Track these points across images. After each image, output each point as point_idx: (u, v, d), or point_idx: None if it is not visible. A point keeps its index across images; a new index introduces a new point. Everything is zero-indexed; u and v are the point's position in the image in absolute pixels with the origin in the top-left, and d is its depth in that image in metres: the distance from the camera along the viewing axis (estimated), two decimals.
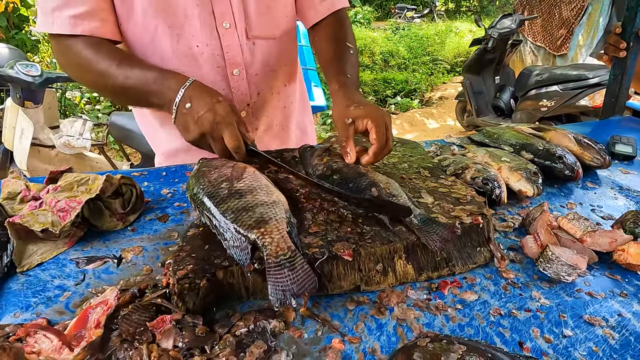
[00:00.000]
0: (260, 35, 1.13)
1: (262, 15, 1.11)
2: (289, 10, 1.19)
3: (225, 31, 1.07)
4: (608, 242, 0.84)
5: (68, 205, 0.85)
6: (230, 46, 1.09)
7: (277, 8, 1.14)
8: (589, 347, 0.65)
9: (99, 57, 0.97)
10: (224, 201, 0.73)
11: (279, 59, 1.21)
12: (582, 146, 1.18)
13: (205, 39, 1.06)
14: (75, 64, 1.01)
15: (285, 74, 1.26)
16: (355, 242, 0.72)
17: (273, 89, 1.24)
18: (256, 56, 1.14)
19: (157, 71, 0.96)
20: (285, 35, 1.19)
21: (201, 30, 1.04)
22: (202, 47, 1.06)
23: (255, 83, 1.18)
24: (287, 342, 0.65)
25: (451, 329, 0.68)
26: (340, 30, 1.20)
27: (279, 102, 1.28)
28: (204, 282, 0.65)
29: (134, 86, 0.95)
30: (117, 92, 1.00)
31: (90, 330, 0.62)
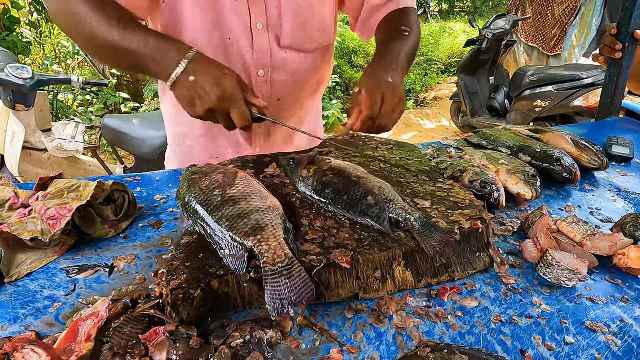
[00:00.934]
0: (293, 46, 1.13)
1: (297, 28, 1.10)
2: (326, 25, 1.17)
3: (258, 31, 1.07)
4: (608, 246, 0.83)
5: (58, 212, 0.83)
6: (260, 47, 1.09)
7: (313, 23, 1.12)
8: (592, 355, 0.64)
9: (97, 10, 0.89)
10: (218, 209, 0.72)
11: (308, 71, 1.19)
12: (579, 148, 1.17)
13: (238, 33, 1.06)
14: (70, 13, 0.92)
15: (312, 87, 1.26)
16: (354, 249, 0.70)
17: (296, 100, 1.23)
18: (284, 64, 1.14)
19: (158, 36, 0.90)
20: (319, 50, 1.18)
21: (235, 24, 1.05)
22: (233, 41, 1.06)
23: (278, 89, 1.17)
24: (285, 353, 0.63)
25: (452, 338, 0.66)
26: (399, 20, 1.17)
27: (299, 111, 1.28)
28: (198, 292, 0.63)
29: (129, 47, 0.88)
30: (109, 50, 0.91)
31: (81, 343, 0.60)
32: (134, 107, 5.18)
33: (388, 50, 1.07)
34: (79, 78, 2.77)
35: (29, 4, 5.08)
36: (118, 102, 5.17)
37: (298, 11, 1.08)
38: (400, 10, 1.20)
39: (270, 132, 1.26)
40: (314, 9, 1.10)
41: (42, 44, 5.86)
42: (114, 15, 0.89)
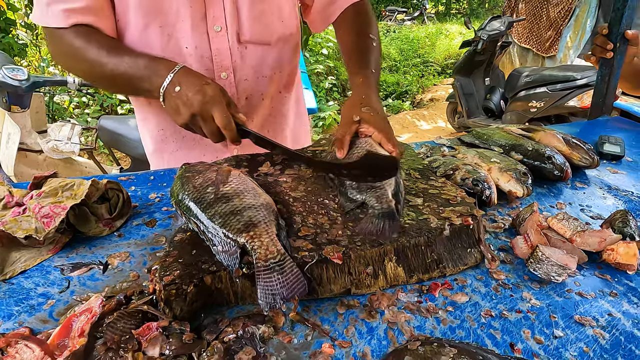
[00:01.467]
0: (252, 40, 1.11)
1: (254, 20, 1.09)
2: (285, 15, 1.16)
3: (215, 34, 1.06)
4: (597, 242, 0.84)
5: (52, 211, 0.83)
6: (219, 49, 1.08)
7: (271, 12, 1.11)
8: (580, 348, 0.65)
9: (90, 46, 0.97)
10: (211, 206, 0.72)
11: (273, 65, 1.18)
12: (570, 146, 1.19)
13: (195, 40, 1.05)
14: (67, 54, 1.02)
15: (280, 80, 1.24)
16: (345, 245, 0.71)
17: (264, 95, 1.21)
18: (246, 61, 1.13)
19: (147, 58, 0.97)
20: (282, 41, 1.17)
21: (191, 32, 1.04)
22: (191, 49, 1.06)
23: (244, 88, 1.16)
24: (277, 347, 0.64)
25: (442, 332, 0.67)
26: (362, 21, 1.18)
27: (272, 108, 1.26)
28: (191, 288, 0.64)
29: (124, 73, 0.96)
30: (107, 79, 1.01)
31: (74, 339, 0.60)
32: (130, 108, 5.17)
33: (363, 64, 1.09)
34: (75, 79, 2.77)
35: (24, 6, 5.07)
36: (114, 104, 5.16)
37: (253, 3, 1.08)
38: (359, 7, 1.20)
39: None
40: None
41: (38, 46, 5.85)
42: (103, 44, 0.97)
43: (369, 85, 1.04)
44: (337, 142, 0.94)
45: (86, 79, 1.03)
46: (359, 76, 1.06)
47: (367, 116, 0.96)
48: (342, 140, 0.94)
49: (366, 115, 0.96)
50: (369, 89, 1.03)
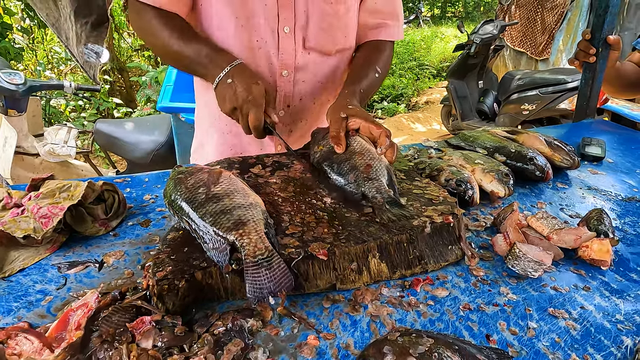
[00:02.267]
0: (316, 47, 1.20)
1: (322, 30, 1.17)
2: (349, 32, 1.24)
3: (284, 35, 1.14)
4: (573, 239, 0.88)
5: (50, 211, 0.86)
6: (285, 49, 1.16)
7: (338, 27, 1.20)
8: (552, 338, 0.68)
9: (164, 27, 1.08)
10: (202, 205, 0.76)
11: (329, 74, 1.27)
12: (552, 148, 1.23)
13: (266, 36, 1.14)
14: (144, 29, 1.14)
15: (331, 88, 1.32)
16: (331, 242, 0.75)
17: (316, 99, 1.29)
18: (308, 65, 1.21)
19: (211, 47, 1.09)
20: (340, 53, 1.26)
21: (263, 28, 1.13)
22: (260, 43, 1.14)
23: (300, 89, 1.24)
24: (264, 339, 0.67)
25: (422, 324, 0.71)
26: (376, 55, 1.27)
27: (319, 113, 1.34)
28: (183, 283, 0.67)
29: (188, 56, 1.08)
30: (172, 58, 1.14)
31: (71, 332, 0.63)
32: (126, 112, 5.20)
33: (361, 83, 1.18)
34: (71, 83, 2.80)
35: (21, 10, 5.10)
36: (111, 108, 5.19)
37: (324, 16, 1.16)
38: (380, 44, 1.29)
39: (292, 129, 1.32)
40: (339, 15, 1.18)
41: (35, 50, 5.87)
42: (176, 28, 1.09)
43: (354, 93, 1.12)
44: (334, 139, 1.00)
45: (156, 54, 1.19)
46: (346, 88, 1.15)
47: (352, 112, 1.04)
48: (338, 137, 1.00)
49: (351, 111, 1.04)
50: (352, 95, 1.11)
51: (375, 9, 1.25)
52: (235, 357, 0.63)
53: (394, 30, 1.30)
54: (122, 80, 6.02)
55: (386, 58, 1.29)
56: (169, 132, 2.85)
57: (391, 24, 1.29)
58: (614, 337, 0.69)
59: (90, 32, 1.47)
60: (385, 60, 1.28)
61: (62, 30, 1.38)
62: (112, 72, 5.88)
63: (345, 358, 0.64)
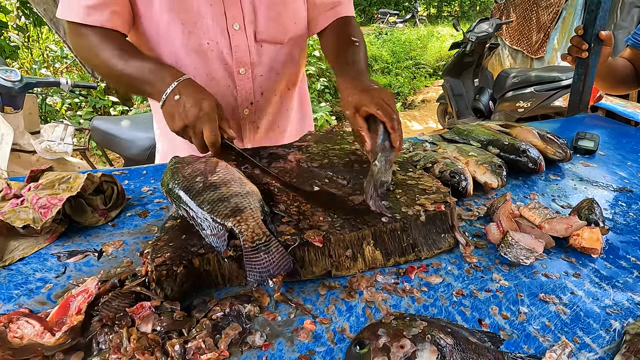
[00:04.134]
0: (268, 39, 1.19)
1: (271, 21, 1.16)
2: (298, 17, 1.24)
3: (235, 32, 1.13)
4: (564, 228, 0.90)
5: (49, 202, 0.87)
6: (238, 46, 1.15)
7: (286, 14, 1.19)
8: (542, 322, 0.70)
9: (105, 46, 1.05)
10: (200, 194, 0.77)
11: (285, 63, 1.26)
12: (545, 141, 1.25)
13: (216, 37, 1.12)
14: (84, 48, 1.10)
15: (290, 78, 1.32)
16: (326, 230, 0.76)
17: (276, 91, 1.29)
18: (262, 58, 1.20)
19: (155, 63, 1.04)
20: (292, 40, 1.25)
21: (212, 29, 1.11)
22: (212, 45, 1.12)
23: (260, 83, 1.23)
24: (262, 324, 0.68)
25: (416, 309, 0.72)
26: (345, 29, 1.26)
27: (282, 105, 1.34)
28: (181, 269, 0.69)
29: (131, 74, 1.03)
30: (116, 79, 1.09)
31: (72, 316, 0.64)
32: (123, 110, 5.20)
33: (349, 61, 1.14)
34: (68, 80, 2.80)
35: (16, 8, 5.08)
36: (107, 106, 5.18)
37: (271, 5, 1.14)
38: (344, 19, 1.28)
39: (258, 126, 1.31)
40: (286, 1, 1.17)
41: (30, 48, 5.85)
42: (117, 47, 1.05)
43: (350, 74, 1.09)
44: (358, 139, 1.00)
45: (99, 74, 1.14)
46: (340, 74, 1.11)
47: (357, 100, 0.98)
48: (362, 137, 0.97)
49: (356, 99, 0.98)
50: (350, 78, 1.07)
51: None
52: (233, 340, 0.64)
53: (349, 7, 1.31)
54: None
55: (356, 28, 1.28)
56: None
57: (345, 1, 1.29)
58: (602, 321, 0.71)
59: None
60: (356, 30, 1.27)
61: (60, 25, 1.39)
62: None
63: (341, 341, 0.66)
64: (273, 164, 1.01)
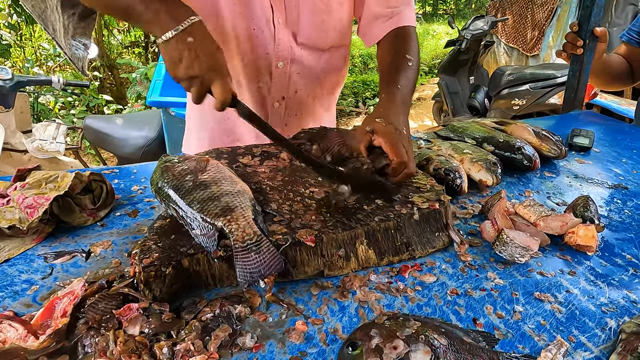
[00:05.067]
0: (308, 44, 1.18)
1: (314, 27, 1.15)
2: (343, 26, 1.21)
3: (279, 25, 1.12)
4: (559, 226, 0.89)
5: (36, 201, 0.85)
6: (281, 40, 1.14)
7: (330, 23, 1.17)
8: (538, 321, 0.69)
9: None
10: (190, 193, 0.75)
11: (324, 70, 1.25)
12: (540, 138, 1.24)
13: (262, 25, 1.11)
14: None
15: (327, 84, 1.30)
16: (318, 229, 0.75)
17: (310, 94, 1.27)
18: (302, 59, 1.19)
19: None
20: (335, 49, 1.23)
21: (259, 17, 1.09)
22: (257, 32, 1.11)
23: (295, 81, 1.22)
24: (252, 325, 0.67)
25: (410, 309, 0.71)
26: (402, 43, 1.17)
27: (314, 107, 1.32)
28: (169, 270, 0.67)
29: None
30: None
31: (57, 319, 0.63)
32: (116, 109, 5.16)
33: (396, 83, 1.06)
34: (60, 79, 2.77)
35: (8, 6, 5.03)
36: (101, 104, 5.14)
37: (316, 11, 1.13)
38: (402, 31, 1.20)
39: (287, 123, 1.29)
40: (332, 9, 1.15)
41: (23, 47, 5.79)
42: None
43: (392, 100, 1.02)
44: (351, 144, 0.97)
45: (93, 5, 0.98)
46: (384, 93, 1.05)
47: (379, 127, 0.92)
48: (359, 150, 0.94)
49: (378, 125, 0.92)
50: (390, 103, 1.01)
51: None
52: (223, 342, 0.63)
53: (410, 15, 1.21)
54: (112, 77, 5.97)
55: (414, 43, 1.18)
56: (159, 128, 2.84)
57: (404, 9, 1.19)
58: (598, 319, 0.70)
59: (78, 23, 1.45)
60: (413, 46, 1.17)
61: (49, 22, 1.36)
62: (102, 69, 5.83)
63: (333, 342, 0.64)
64: (265, 162, 1.00)
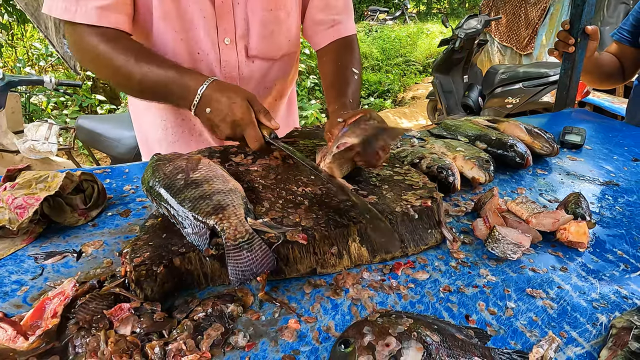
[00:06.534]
0: (260, 55, 1.17)
1: (264, 38, 1.14)
2: (292, 35, 1.21)
3: (225, 46, 1.11)
4: (551, 222, 0.89)
5: (25, 202, 0.85)
6: (228, 61, 1.13)
7: (280, 33, 1.17)
8: (530, 317, 0.69)
9: (117, 52, 0.96)
10: (181, 191, 0.75)
11: (276, 78, 1.25)
12: (532, 135, 1.24)
13: (207, 49, 1.10)
14: (92, 56, 0.99)
15: (279, 92, 1.30)
16: (310, 227, 0.75)
17: (264, 103, 1.26)
18: (252, 73, 1.18)
19: (175, 70, 0.95)
20: (286, 56, 1.23)
21: (204, 41, 1.08)
22: (202, 55, 1.10)
23: None
24: (245, 324, 0.67)
25: (403, 306, 0.71)
26: (345, 55, 1.19)
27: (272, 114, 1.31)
28: (161, 269, 0.67)
29: (153, 85, 0.95)
30: (134, 88, 1.00)
31: (47, 320, 0.62)
32: (110, 109, 5.12)
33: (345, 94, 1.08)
34: (52, 79, 2.75)
35: None
36: (94, 104, 5.11)
37: (265, 24, 1.12)
38: (345, 41, 1.22)
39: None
40: (280, 20, 1.15)
41: (14, 47, 5.74)
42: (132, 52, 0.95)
43: (344, 107, 1.04)
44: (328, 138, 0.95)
45: (112, 84, 1.04)
46: (335, 104, 1.06)
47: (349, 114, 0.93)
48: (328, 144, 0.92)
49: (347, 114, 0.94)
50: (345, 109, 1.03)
51: (326, 4, 1.20)
52: (216, 341, 0.63)
53: (351, 25, 1.25)
54: None
55: (357, 54, 1.23)
56: None
57: (345, 18, 1.23)
58: (589, 314, 0.70)
59: None
60: (357, 57, 1.22)
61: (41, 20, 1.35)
62: None
63: (326, 340, 0.64)
64: (258, 161, 0.99)
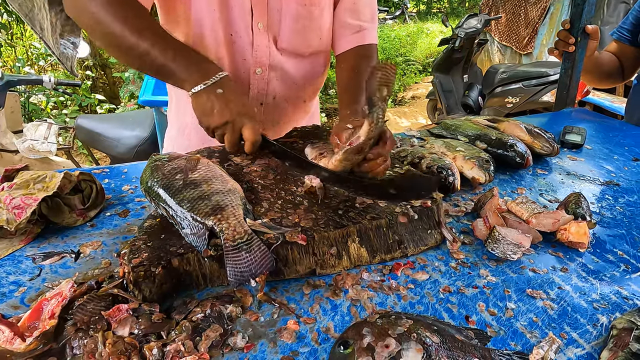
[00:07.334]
0: (288, 49, 1.16)
1: (295, 32, 1.14)
2: (323, 33, 1.20)
3: (258, 31, 1.10)
4: (551, 223, 0.89)
5: (23, 202, 0.84)
6: (260, 46, 1.12)
7: (311, 29, 1.16)
8: (530, 318, 0.69)
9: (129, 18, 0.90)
10: (180, 192, 0.75)
11: (304, 75, 1.23)
12: (532, 135, 1.24)
13: (240, 31, 1.09)
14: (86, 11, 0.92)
15: (308, 92, 1.29)
16: (310, 228, 0.74)
17: (289, 100, 1.26)
18: (282, 65, 1.17)
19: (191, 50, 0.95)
20: (315, 55, 1.22)
21: (238, 22, 1.08)
22: (235, 37, 1.10)
23: (274, 87, 1.20)
24: (244, 325, 0.66)
25: (402, 307, 0.71)
26: (364, 63, 1.19)
27: (293, 114, 1.30)
28: (159, 270, 0.66)
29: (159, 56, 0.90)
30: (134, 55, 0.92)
31: (45, 321, 0.62)
32: (109, 108, 5.12)
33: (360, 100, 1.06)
34: (51, 78, 2.74)
35: None
36: (93, 104, 5.10)
37: (297, 17, 1.12)
38: (366, 50, 1.22)
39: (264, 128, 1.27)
40: (313, 17, 1.14)
41: (14, 46, 5.74)
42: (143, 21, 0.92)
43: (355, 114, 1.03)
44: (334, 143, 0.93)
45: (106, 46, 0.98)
46: (346, 109, 1.06)
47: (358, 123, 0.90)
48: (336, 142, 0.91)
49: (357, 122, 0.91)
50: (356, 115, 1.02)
51: (354, 8, 1.20)
52: (214, 342, 0.62)
53: (374, 35, 1.25)
54: (104, 77, 5.92)
55: (372, 59, 1.22)
56: (152, 128, 2.82)
57: (371, 27, 1.23)
58: (590, 315, 0.70)
59: (66, 21, 1.43)
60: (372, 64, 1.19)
61: (37, 21, 1.35)
62: (94, 68, 5.78)
63: (325, 341, 0.64)
64: (257, 161, 0.99)
